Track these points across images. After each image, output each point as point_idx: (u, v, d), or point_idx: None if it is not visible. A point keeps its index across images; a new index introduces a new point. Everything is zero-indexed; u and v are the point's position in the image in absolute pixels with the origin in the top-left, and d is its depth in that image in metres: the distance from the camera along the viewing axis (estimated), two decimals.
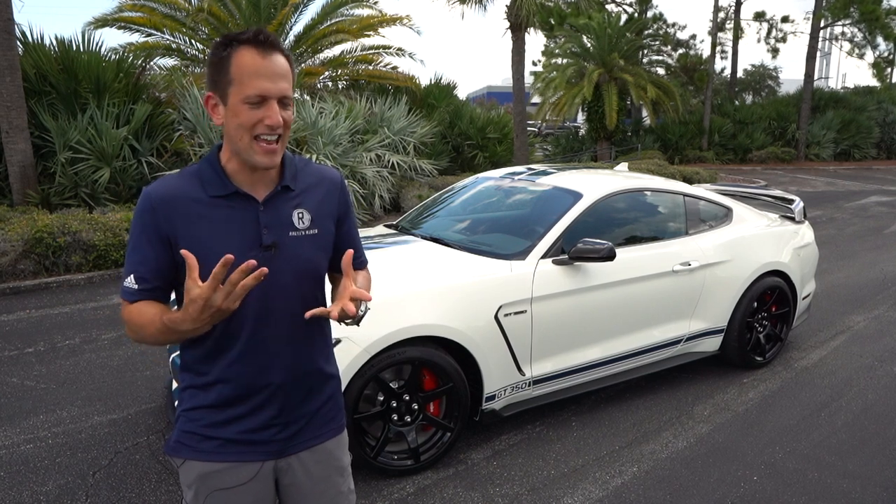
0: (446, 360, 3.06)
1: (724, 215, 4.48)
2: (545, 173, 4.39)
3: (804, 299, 4.84)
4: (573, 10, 21.79)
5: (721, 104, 26.72)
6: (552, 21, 23.12)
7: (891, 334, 5.23)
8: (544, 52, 27.09)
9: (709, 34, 25.61)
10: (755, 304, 4.34)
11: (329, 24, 14.04)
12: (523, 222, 3.97)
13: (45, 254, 6.72)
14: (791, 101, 26.45)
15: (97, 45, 9.65)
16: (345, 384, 2.82)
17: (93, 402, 3.87)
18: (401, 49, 14.94)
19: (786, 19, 27.27)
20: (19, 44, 8.74)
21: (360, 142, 11.18)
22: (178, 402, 1.51)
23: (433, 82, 16.29)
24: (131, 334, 1.41)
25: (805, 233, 4.93)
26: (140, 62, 10.67)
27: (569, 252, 3.47)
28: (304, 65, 13.73)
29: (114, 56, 10.09)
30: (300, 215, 1.46)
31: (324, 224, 1.51)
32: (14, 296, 6.30)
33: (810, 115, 24.84)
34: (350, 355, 2.80)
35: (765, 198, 5.45)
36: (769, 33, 27.70)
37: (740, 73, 33.24)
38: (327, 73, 14.43)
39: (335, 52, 14.51)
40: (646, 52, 25.77)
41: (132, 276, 1.38)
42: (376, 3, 14.89)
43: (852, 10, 22.90)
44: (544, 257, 3.47)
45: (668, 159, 21.20)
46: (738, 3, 25.83)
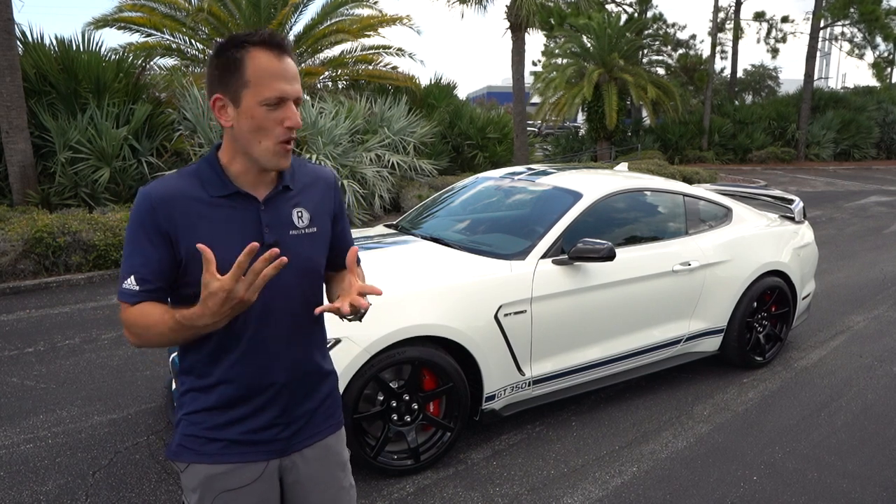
0: (446, 360, 3.06)
1: (724, 215, 4.48)
2: (545, 173, 4.39)
3: (804, 299, 4.85)
4: (573, 10, 21.79)
5: (721, 104, 26.72)
6: (552, 21, 23.13)
7: (890, 334, 5.23)
8: (544, 52, 27.10)
9: (709, 34, 25.64)
10: (755, 304, 4.35)
11: (329, 24, 14.04)
12: (523, 222, 3.97)
13: (45, 254, 6.72)
14: (791, 101, 26.45)
15: (97, 45, 9.66)
16: (345, 384, 2.82)
17: (93, 402, 3.87)
18: (401, 49, 14.95)
19: (786, 19, 27.29)
20: (19, 44, 8.74)
21: (360, 142, 11.19)
22: (178, 405, 1.49)
23: (433, 82, 16.29)
24: (133, 338, 1.38)
25: (805, 233, 4.93)
26: (140, 62, 10.68)
27: (569, 252, 3.47)
28: (304, 65, 13.73)
29: (114, 56, 10.09)
30: (299, 214, 1.46)
31: (322, 222, 1.52)
32: (14, 296, 6.30)
33: (810, 115, 24.84)
34: (350, 355, 2.81)
35: (764, 198, 5.45)
36: (769, 33, 27.73)
37: (740, 73, 33.25)
38: (327, 73, 14.43)
39: (335, 52, 14.52)
40: (646, 52, 25.77)
41: (132, 277, 1.35)
42: (376, 3, 14.91)
43: (852, 10, 22.91)
44: (544, 257, 3.47)
45: (668, 159, 21.21)
46: (738, 4, 25.84)
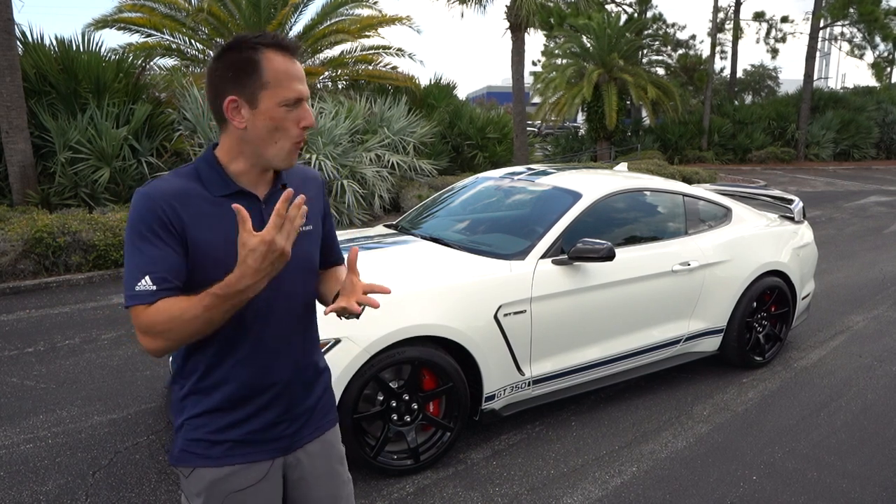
0: (446, 360, 3.07)
1: (724, 215, 4.48)
2: (545, 173, 4.39)
3: (803, 299, 4.85)
4: (573, 10, 21.79)
5: (721, 104, 26.73)
6: (552, 21, 23.13)
7: (890, 334, 5.24)
8: (544, 53, 27.11)
9: (708, 34, 25.65)
10: (754, 303, 4.35)
11: (329, 24, 14.04)
12: (523, 222, 3.98)
13: (45, 254, 6.72)
14: (790, 102, 26.46)
15: (97, 45, 9.67)
16: (344, 384, 2.82)
17: (93, 402, 3.87)
18: (401, 49, 14.95)
19: (785, 19, 27.32)
20: (19, 44, 8.74)
21: (360, 142, 11.19)
22: (178, 410, 1.47)
23: (433, 82, 16.30)
24: (154, 341, 1.27)
25: (804, 233, 4.94)
26: (140, 62, 10.68)
27: (568, 252, 3.47)
28: (304, 65, 13.70)
29: (114, 56, 10.10)
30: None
31: (315, 221, 1.55)
32: (14, 296, 6.30)
33: (810, 115, 24.85)
34: (350, 355, 2.81)
35: (764, 198, 5.45)
36: (769, 33, 27.76)
37: (740, 73, 33.27)
38: (327, 73, 14.44)
39: (335, 52, 14.53)
40: (645, 52, 25.77)
41: (147, 277, 1.28)
42: (376, 3, 14.91)
43: (851, 10, 22.92)
44: (544, 257, 3.47)
45: (667, 159, 21.21)
46: (738, 4, 25.85)
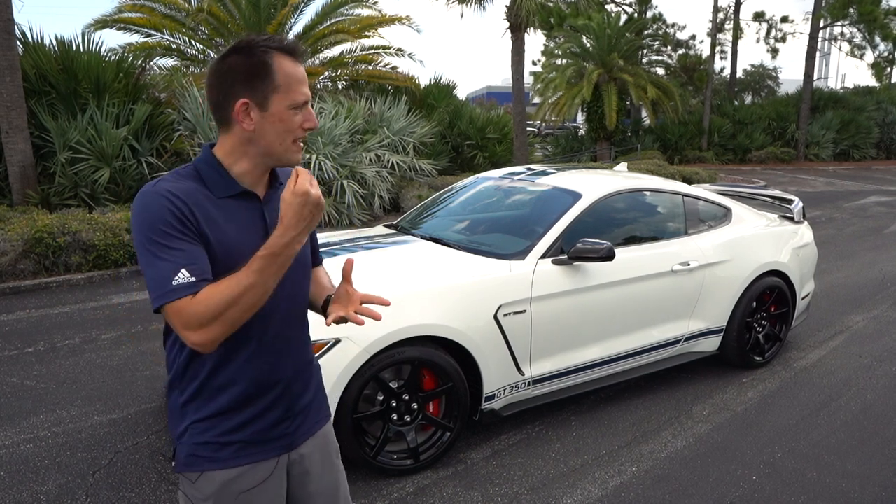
0: (446, 360, 3.07)
1: (724, 215, 4.48)
2: (545, 173, 4.39)
3: (803, 299, 4.85)
4: (573, 11, 21.79)
5: (720, 104, 26.73)
6: (552, 21, 23.14)
7: (890, 334, 5.24)
8: (544, 53, 27.11)
9: (708, 34, 25.65)
10: (754, 304, 4.35)
11: (329, 24, 14.05)
12: (523, 222, 3.98)
13: (45, 254, 6.72)
14: (790, 102, 26.47)
15: (97, 45, 9.67)
16: (344, 384, 2.82)
17: (93, 402, 3.87)
18: (400, 49, 14.96)
19: (785, 19, 27.33)
20: (19, 44, 8.75)
21: (360, 142, 11.19)
22: (179, 416, 1.46)
23: (433, 82, 16.30)
24: (206, 331, 1.24)
25: (804, 233, 4.94)
26: (140, 62, 10.69)
27: (568, 252, 3.47)
28: (304, 65, 13.72)
29: (114, 56, 10.12)
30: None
31: None
32: (14, 296, 6.30)
33: (810, 115, 24.85)
34: (349, 355, 2.81)
35: (764, 198, 5.45)
36: (769, 33, 27.77)
37: (740, 74, 33.27)
38: (327, 73, 14.44)
39: (335, 52, 14.53)
40: (645, 52, 25.78)
41: (184, 269, 1.25)
42: (376, 3, 14.89)
43: (851, 10, 22.92)
44: (544, 257, 3.48)
45: (667, 159, 21.21)
46: (738, 4, 25.86)
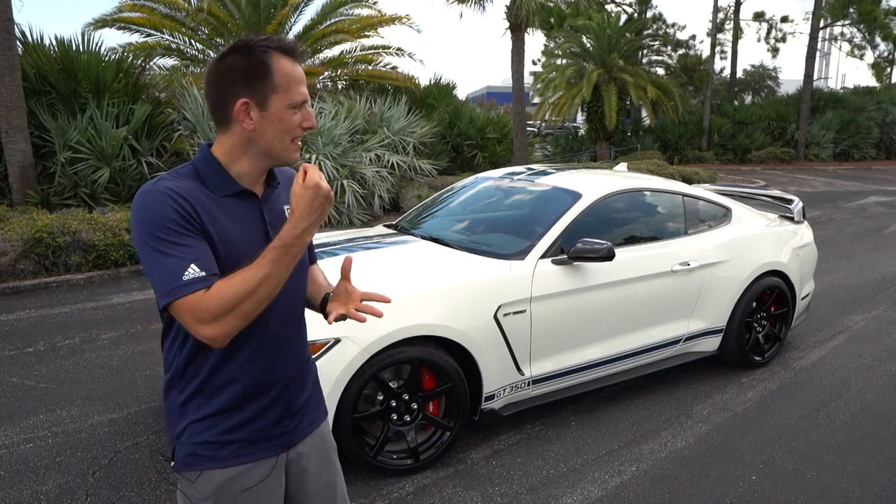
0: (446, 360, 3.07)
1: (724, 215, 4.49)
2: (544, 173, 4.39)
3: (803, 299, 4.85)
4: (573, 11, 21.79)
5: (720, 104, 26.74)
6: (552, 21, 23.15)
7: (889, 334, 5.24)
8: (544, 52, 27.12)
9: (708, 34, 25.65)
10: (754, 304, 4.35)
11: (328, 24, 14.04)
12: (522, 222, 3.98)
13: (44, 254, 6.72)
14: (790, 102, 26.47)
15: (97, 45, 9.68)
16: (344, 384, 2.83)
17: (93, 402, 3.87)
18: (400, 49, 14.96)
19: (785, 19, 27.33)
20: (19, 44, 8.74)
21: (360, 142, 11.19)
22: (178, 416, 1.46)
23: (433, 82, 16.30)
24: (220, 325, 1.25)
25: (804, 233, 4.94)
26: (140, 62, 10.68)
27: (568, 252, 3.47)
28: (303, 65, 13.70)
29: (113, 56, 10.11)
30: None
31: None
32: (14, 296, 6.30)
33: (810, 115, 24.85)
34: (349, 355, 2.81)
35: (764, 198, 5.45)
36: (769, 33, 27.77)
37: (740, 74, 33.27)
38: (327, 73, 14.44)
39: (335, 52, 14.53)
40: (645, 52, 25.78)
41: (193, 265, 1.26)
42: (375, 3, 14.90)
43: (851, 10, 22.92)
44: (543, 257, 3.48)
45: (667, 159, 21.21)
46: (738, 4, 25.86)
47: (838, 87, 38.55)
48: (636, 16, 25.94)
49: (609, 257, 3.40)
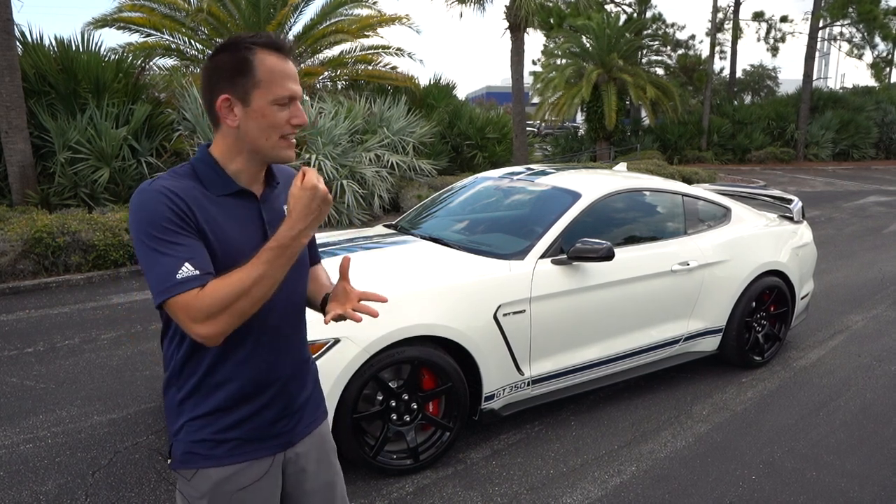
0: (445, 360, 3.07)
1: (723, 215, 4.49)
2: (544, 173, 4.40)
3: (803, 299, 4.85)
4: (572, 11, 21.81)
5: (720, 104, 26.74)
6: (551, 21, 23.16)
7: (889, 334, 5.24)
8: (543, 52, 27.15)
9: (708, 34, 25.66)
10: (754, 303, 4.35)
11: (328, 24, 14.04)
12: (522, 222, 3.98)
13: (44, 254, 6.72)
14: (790, 102, 26.48)
15: (96, 45, 9.69)
16: (344, 384, 2.82)
17: (92, 402, 3.87)
18: (400, 49, 14.96)
19: (784, 19, 27.36)
20: (19, 44, 8.74)
21: (360, 142, 11.19)
22: (176, 413, 1.46)
23: (432, 82, 16.30)
24: (214, 323, 1.25)
25: (803, 233, 4.94)
26: (139, 62, 10.69)
27: (568, 252, 3.47)
28: (303, 65, 13.73)
29: (113, 56, 10.11)
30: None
31: None
32: (14, 296, 6.30)
33: (809, 115, 24.86)
34: (349, 355, 2.81)
35: (763, 198, 5.46)
36: (768, 33, 27.79)
37: (739, 74, 33.27)
38: (327, 73, 14.44)
39: (335, 52, 14.54)
40: (645, 52, 25.79)
41: (188, 263, 1.26)
42: (375, 3, 14.90)
43: (850, 10, 22.93)
44: (543, 257, 3.48)
45: (667, 159, 21.21)
46: (737, 3, 25.88)
47: (838, 87, 38.58)
48: (636, 16, 25.96)
49: (609, 257, 3.40)
